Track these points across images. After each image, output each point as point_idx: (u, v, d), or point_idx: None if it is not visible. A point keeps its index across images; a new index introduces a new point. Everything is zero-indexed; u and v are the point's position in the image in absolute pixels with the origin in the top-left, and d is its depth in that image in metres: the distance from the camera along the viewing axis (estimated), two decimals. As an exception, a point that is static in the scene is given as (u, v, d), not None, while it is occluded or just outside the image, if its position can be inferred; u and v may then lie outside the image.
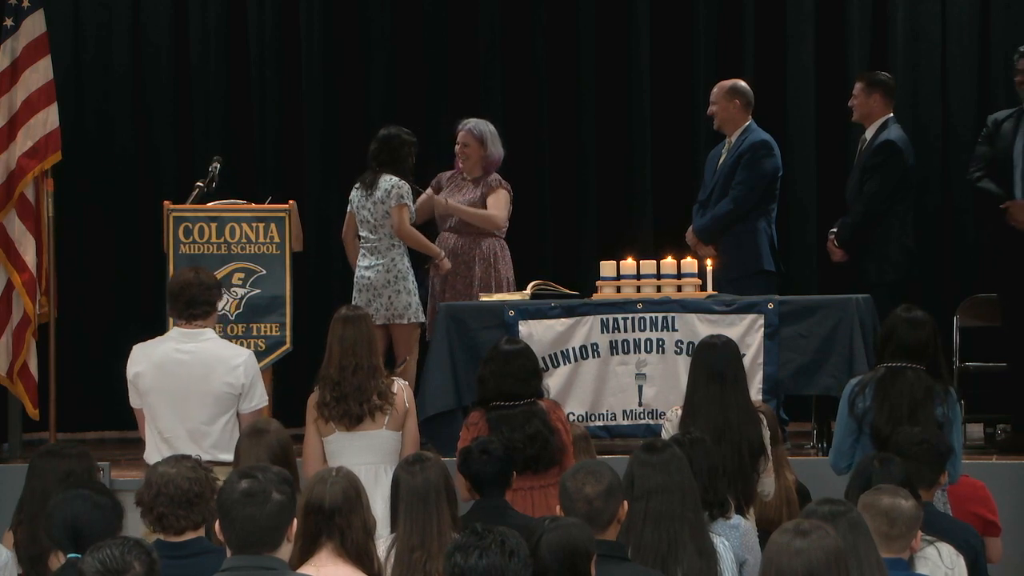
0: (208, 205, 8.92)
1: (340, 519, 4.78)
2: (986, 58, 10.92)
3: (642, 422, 8.80)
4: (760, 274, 9.46)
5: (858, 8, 11.05)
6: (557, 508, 5.14)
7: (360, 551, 4.80)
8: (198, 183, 9.02)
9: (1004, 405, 9.63)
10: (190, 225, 8.80)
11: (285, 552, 4.45)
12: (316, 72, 11.43)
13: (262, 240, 8.83)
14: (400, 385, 7.30)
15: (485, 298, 9.19)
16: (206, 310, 7.19)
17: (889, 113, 9.59)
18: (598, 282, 9.11)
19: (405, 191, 9.20)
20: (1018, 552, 7.68)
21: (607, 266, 9.09)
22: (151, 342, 7.31)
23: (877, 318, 8.43)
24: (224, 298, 8.33)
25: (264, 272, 8.81)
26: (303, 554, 4.77)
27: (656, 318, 8.81)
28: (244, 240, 8.82)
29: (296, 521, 4.50)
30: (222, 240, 8.81)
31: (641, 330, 8.82)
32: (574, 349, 8.85)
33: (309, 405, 7.26)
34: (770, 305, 8.76)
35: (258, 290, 8.82)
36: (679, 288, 8.98)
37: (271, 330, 8.80)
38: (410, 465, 5.44)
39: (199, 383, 7.11)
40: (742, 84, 9.76)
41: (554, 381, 8.60)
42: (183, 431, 7.10)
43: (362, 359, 7.15)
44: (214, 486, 4.96)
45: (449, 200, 9.60)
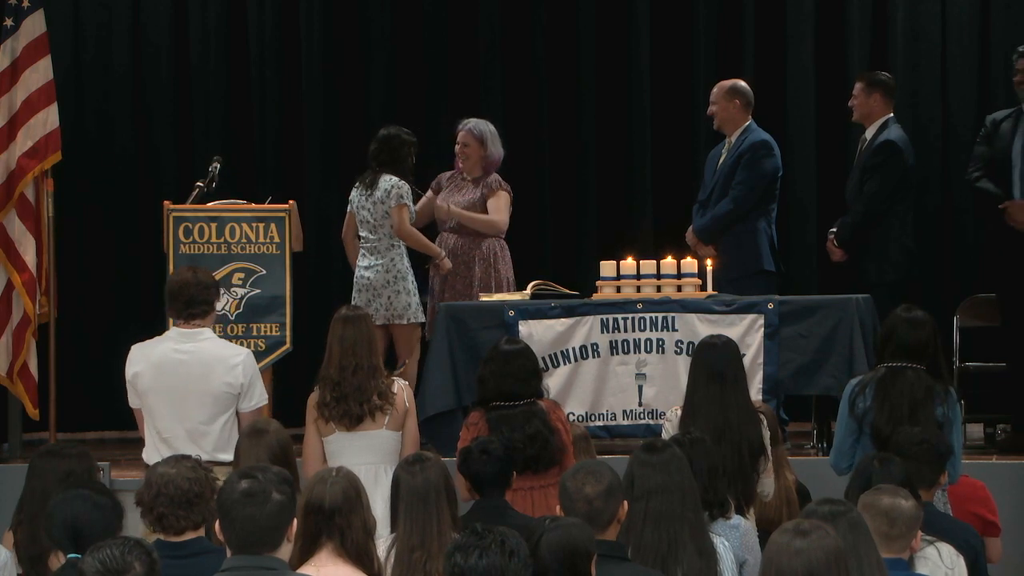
0: (208, 205, 8.92)
1: (340, 519, 4.78)
2: (986, 58, 10.91)
3: (642, 422, 8.79)
4: (760, 274, 9.45)
5: (858, 8, 11.05)
6: (557, 508, 5.13)
7: (360, 551, 4.80)
8: (198, 183, 9.02)
9: (1004, 405, 9.63)
10: (190, 225, 8.80)
11: (285, 552, 4.45)
12: (316, 72, 11.42)
13: (262, 240, 8.83)
14: (400, 385, 7.29)
15: (485, 298, 9.19)
16: (204, 310, 7.18)
17: (889, 113, 9.59)
18: (598, 282, 9.10)
19: (405, 191, 9.20)
20: (1018, 552, 7.68)
21: (607, 266, 9.09)
22: (150, 342, 7.30)
23: (877, 318, 8.42)
24: (224, 298, 8.34)
25: (264, 272, 8.81)
26: (303, 554, 4.77)
27: (656, 318, 8.81)
28: (244, 240, 8.82)
29: (296, 521, 4.50)
30: (222, 240, 8.81)
31: (641, 330, 8.82)
32: (574, 349, 8.85)
33: (309, 405, 7.26)
34: (770, 305, 8.76)
35: (258, 290, 8.81)
36: (679, 288, 8.97)
37: (271, 330, 8.80)
38: (410, 465, 5.44)
39: (198, 383, 7.10)
40: (742, 84, 9.75)
41: (554, 381, 8.60)
42: (182, 431, 7.09)
43: (362, 359, 7.15)
44: (214, 486, 4.96)
45: (451, 206, 9.59)
